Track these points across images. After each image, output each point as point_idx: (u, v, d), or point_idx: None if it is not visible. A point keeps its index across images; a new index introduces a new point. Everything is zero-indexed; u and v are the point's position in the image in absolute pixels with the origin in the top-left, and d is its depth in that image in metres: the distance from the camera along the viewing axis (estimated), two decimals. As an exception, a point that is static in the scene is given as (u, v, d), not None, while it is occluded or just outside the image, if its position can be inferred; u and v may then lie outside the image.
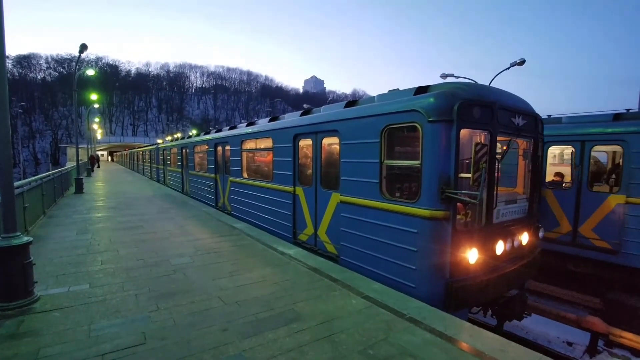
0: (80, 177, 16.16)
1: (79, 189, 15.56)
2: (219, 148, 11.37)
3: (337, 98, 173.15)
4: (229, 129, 11.05)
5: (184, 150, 15.93)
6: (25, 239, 4.02)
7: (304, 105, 33.98)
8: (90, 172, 28.39)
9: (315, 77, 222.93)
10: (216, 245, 6.64)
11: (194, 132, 25.99)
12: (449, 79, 18.72)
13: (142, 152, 33.54)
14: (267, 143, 8.28)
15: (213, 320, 3.61)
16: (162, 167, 21.99)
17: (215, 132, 12.11)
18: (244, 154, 9.54)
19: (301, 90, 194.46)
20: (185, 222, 8.87)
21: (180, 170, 16.69)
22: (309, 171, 6.74)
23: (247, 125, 9.77)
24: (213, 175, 11.79)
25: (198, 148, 13.79)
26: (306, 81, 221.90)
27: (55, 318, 3.66)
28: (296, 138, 6.97)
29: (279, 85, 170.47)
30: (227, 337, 3.27)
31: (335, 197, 5.88)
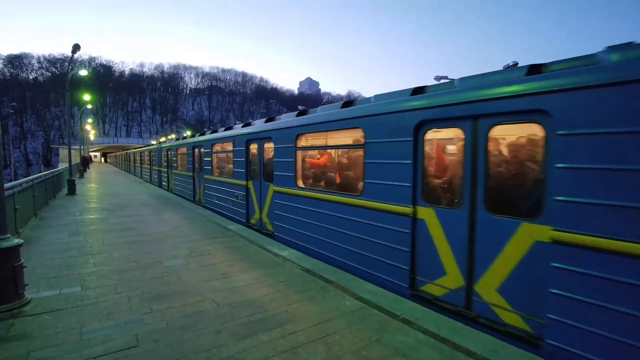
0: (73, 179, 16.00)
1: (72, 191, 15.41)
2: (253, 146, 8.75)
3: (332, 99, 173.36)
4: (248, 125, 9.43)
5: (197, 151, 13.35)
6: (16, 241, 3.99)
7: (299, 107, 34.02)
8: (82, 173, 28.10)
9: (310, 79, 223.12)
10: (210, 247, 6.62)
11: (189, 132, 25.83)
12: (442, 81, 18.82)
13: (140, 153, 29.74)
14: (323, 139, 7.16)
15: (206, 322, 3.59)
16: (165, 170, 19.18)
17: (243, 126, 9.79)
18: (299, 154, 6.91)
19: (296, 92, 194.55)
20: (179, 224, 8.82)
21: (191, 174, 14.08)
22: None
23: (298, 116, 7.52)
24: (243, 183, 9.11)
25: (218, 147, 11.34)
26: (301, 82, 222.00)
27: (46, 321, 3.62)
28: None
29: (274, 86, 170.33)
30: (221, 339, 3.26)
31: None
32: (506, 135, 4.08)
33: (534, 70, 3.42)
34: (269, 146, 7.96)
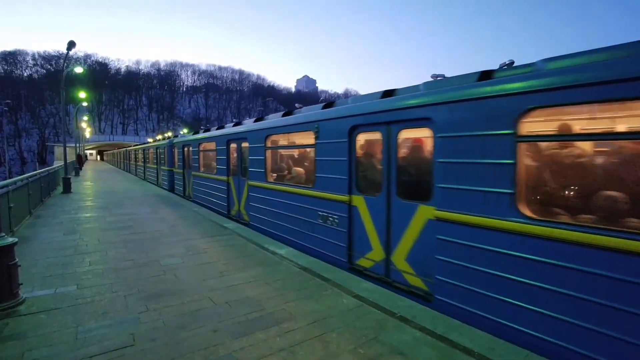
0: (68, 177, 15.90)
1: (67, 189, 15.31)
2: (362, 138, 5.39)
3: (329, 97, 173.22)
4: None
5: (234, 145, 9.84)
6: (10, 239, 3.96)
7: (296, 105, 33.94)
8: (78, 171, 27.92)
9: (308, 77, 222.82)
10: (207, 245, 6.60)
11: (185, 130, 25.44)
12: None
13: (143, 151, 25.82)
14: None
15: (203, 321, 3.58)
16: (180, 171, 15.37)
17: (323, 107, 6.37)
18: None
19: (293, 90, 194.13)
20: (176, 222, 8.78)
21: (224, 178, 10.22)
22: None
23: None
24: (345, 197, 5.44)
25: (279, 138, 8.08)
26: (298, 80, 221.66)
27: (42, 320, 3.59)
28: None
29: (271, 84, 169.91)
30: (218, 338, 3.25)
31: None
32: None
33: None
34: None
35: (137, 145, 35.42)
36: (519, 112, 3.25)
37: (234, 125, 10.16)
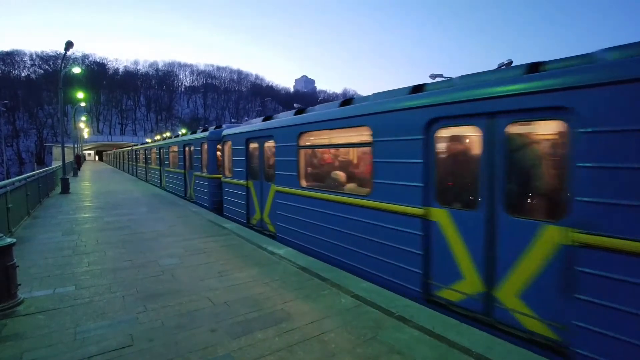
0: (66, 177, 15.86)
1: (65, 189, 15.27)
2: (446, 133, 4.35)
3: (327, 97, 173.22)
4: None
5: (254, 145, 8.39)
6: (9, 240, 3.95)
7: (294, 105, 33.94)
8: (76, 171, 27.86)
9: (306, 77, 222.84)
10: (205, 245, 6.60)
11: (184, 131, 24.34)
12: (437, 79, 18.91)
13: (144, 151, 23.87)
14: None
15: (202, 321, 3.58)
16: (206, 176, 11.69)
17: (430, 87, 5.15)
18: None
19: (292, 90, 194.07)
20: (174, 222, 8.78)
21: (242, 182, 8.90)
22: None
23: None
24: (419, 211, 4.44)
25: (316, 136, 6.57)
26: (297, 80, 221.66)
27: (40, 321, 3.59)
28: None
29: (270, 84, 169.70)
30: (216, 338, 3.25)
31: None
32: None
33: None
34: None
35: (139, 144, 31.40)
36: None
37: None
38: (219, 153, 11.48)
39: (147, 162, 23.48)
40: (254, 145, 8.51)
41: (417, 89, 4.67)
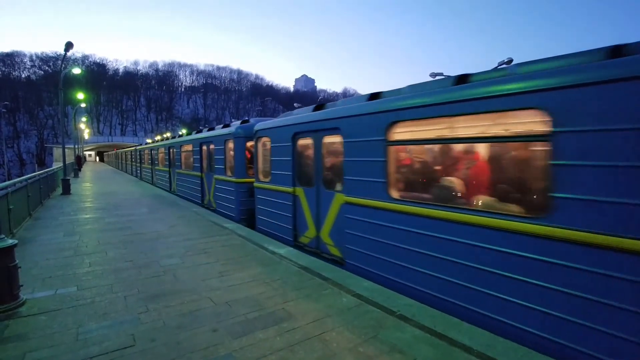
0: (67, 178, 15.89)
1: (66, 190, 15.30)
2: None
3: (327, 97, 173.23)
4: None
5: (306, 141, 6.74)
6: (10, 241, 3.96)
7: (295, 104, 33.89)
8: (77, 172, 27.89)
9: (306, 76, 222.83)
10: (206, 245, 6.61)
11: (184, 131, 23.88)
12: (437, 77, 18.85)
13: (150, 151, 21.78)
14: None
15: (203, 321, 3.59)
16: (223, 178, 10.20)
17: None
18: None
19: (292, 89, 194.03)
20: (175, 223, 8.79)
21: (288, 190, 7.04)
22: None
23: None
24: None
25: (418, 128, 4.82)
26: (297, 80, 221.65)
27: (42, 322, 3.60)
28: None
29: (270, 84, 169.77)
30: (217, 338, 3.26)
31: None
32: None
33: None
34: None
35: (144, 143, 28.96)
36: None
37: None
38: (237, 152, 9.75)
39: (153, 163, 21.33)
40: (305, 142, 6.73)
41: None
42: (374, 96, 5.30)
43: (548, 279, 3.13)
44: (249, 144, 9.26)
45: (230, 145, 9.82)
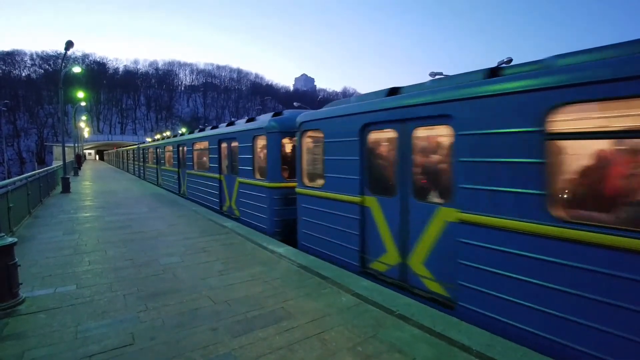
0: (67, 177, 15.88)
1: (66, 189, 15.29)
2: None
3: (327, 96, 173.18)
4: None
5: (378, 135, 5.32)
6: (10, 239, 3.96)
7: (294, 104, 33.88)
8: (77, 171, 27.88)
9: (306, 75, 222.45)
10: (206, 244, 6.61)
11: (184, 130, 23.72)
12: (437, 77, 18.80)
13: (155, 149, 20.11)
14: None
15: (202, 320, 3.59)
16: (250, 182, 8.63)
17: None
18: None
19: (292, 88, 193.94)
20: (175, 221, 8.79)
21: (356, 199, 5.30)
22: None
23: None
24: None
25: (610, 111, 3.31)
26: (296, 79, 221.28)
27: (41, 320, 3.60)
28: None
29: (270, 83, 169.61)
30: (217, 337, 3.26)
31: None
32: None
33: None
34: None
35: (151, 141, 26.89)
36: None
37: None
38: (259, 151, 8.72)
39: (158, 162, 19.50)
40: (381, 135, 5.28)
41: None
42: (494, 72, 3.70)
43: None
44: (284, 140, 7.84)
45: (261, 142, 8.22)
